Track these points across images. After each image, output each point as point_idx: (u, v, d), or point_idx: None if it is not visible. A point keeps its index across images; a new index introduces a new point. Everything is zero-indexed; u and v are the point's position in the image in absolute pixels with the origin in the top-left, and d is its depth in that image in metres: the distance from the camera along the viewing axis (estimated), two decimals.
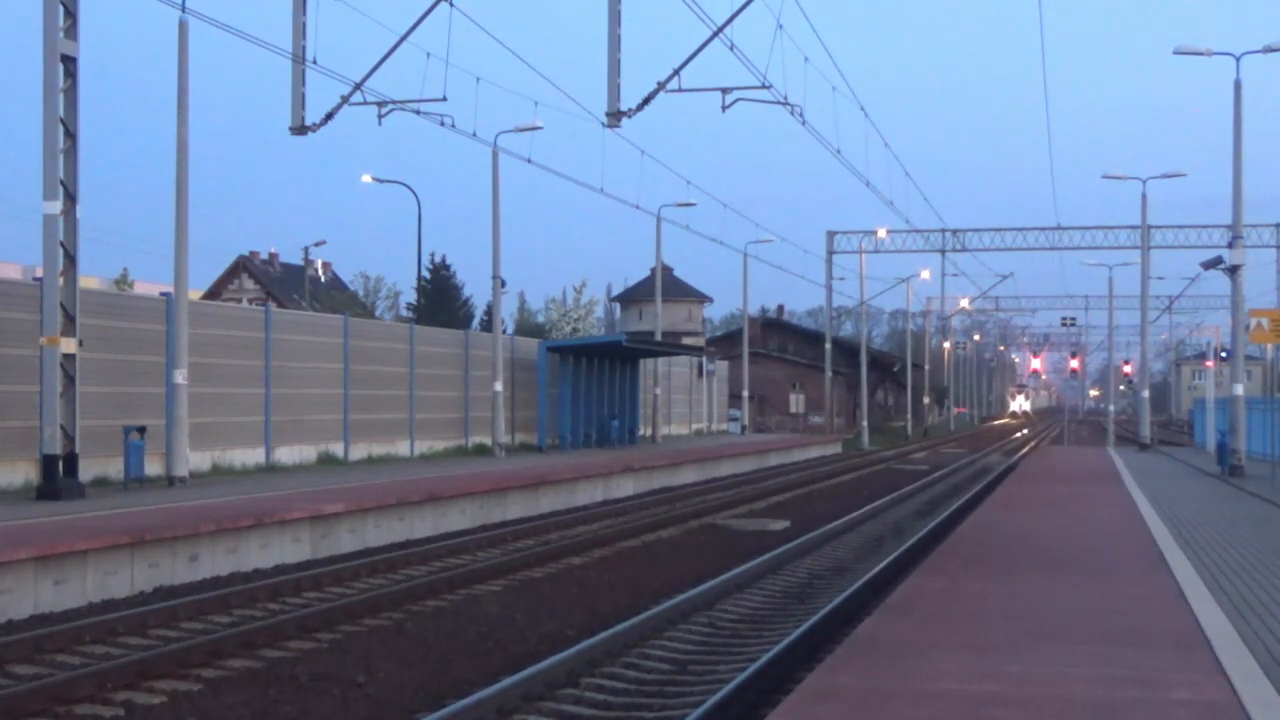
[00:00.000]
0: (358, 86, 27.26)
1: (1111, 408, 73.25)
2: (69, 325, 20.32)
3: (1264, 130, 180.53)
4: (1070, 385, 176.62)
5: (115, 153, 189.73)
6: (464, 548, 19.85)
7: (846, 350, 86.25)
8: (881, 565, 17.38)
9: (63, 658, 11.74)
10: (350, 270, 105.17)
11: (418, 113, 28.49)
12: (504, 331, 40.95)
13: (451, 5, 26.33)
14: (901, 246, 70.96)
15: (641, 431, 49.67)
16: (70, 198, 20.25)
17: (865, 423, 68.71)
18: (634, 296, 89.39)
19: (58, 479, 19.85)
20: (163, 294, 26.57)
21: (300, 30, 26.44)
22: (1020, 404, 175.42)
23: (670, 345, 53.70)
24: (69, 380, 20.36)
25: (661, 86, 25.18)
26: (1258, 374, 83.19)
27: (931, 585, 12.32)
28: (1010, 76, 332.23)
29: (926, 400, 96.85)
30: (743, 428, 65.35)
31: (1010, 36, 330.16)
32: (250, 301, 72.06)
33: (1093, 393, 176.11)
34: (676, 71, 25.24)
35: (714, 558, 19.18)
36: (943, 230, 70.01)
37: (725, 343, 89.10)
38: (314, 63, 26.24)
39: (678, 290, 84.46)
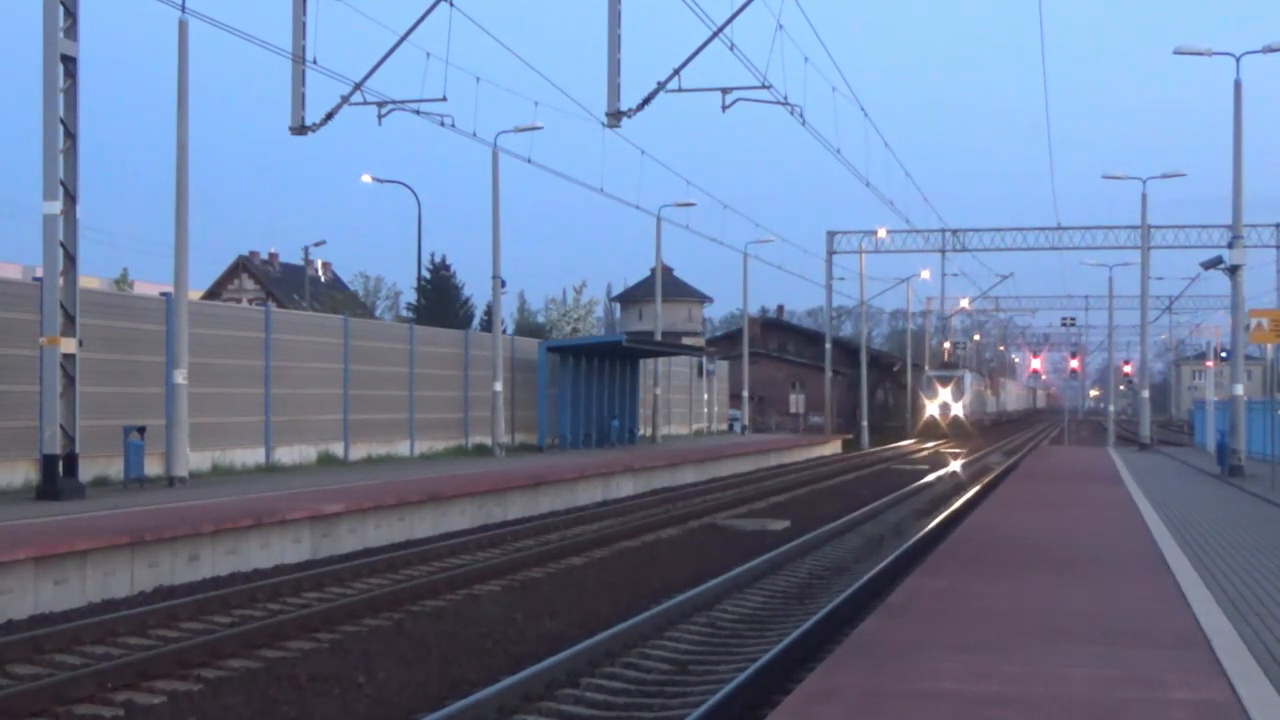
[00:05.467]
0: (358, 86, 27.28)
1: (1111, 408, 73.17)
2: (69, 325, 20.32)
3: (1264, 130, 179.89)
4: (1070, 385, 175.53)
5: (115, 153, 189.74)
6: (464, 548, 19.85)
7: (846, 350, 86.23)
8: (881, 565, 17.38)
9: (63, 658, 11.74)
10: (350, 270, 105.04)
11: (418, 113, 28.54)
12: (504, 331, 40.96)
13: (451, 5, 26.36)
14: (901, 246, 71.04)
15: (641, 431, 49.67)
16: (70, 198, 20.25)
17: (865, 423, 68.68)
18: (634, 296, 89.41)
19: (58, 479, 19.85)
20: (163, 294, 26.57)
21: (300, 30, 26.45)
22: (944, 406, 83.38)
23: (670, 345, 53.69)
24: (69, 380, 20.35)
25: (661, 86, 25.19)
26: (1258, 374, 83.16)
27: (931, 585, 12.32)
28: (1010, 76, 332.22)
29: None
30: (743, 428, 65.35)
31: (1010, 36, 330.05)
32: (250, 301, 72.06)
33: (1093, 393, 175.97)
34: (676, 71, 25.24)
35: (714, 558, 19.18)
36: (943, 230, 70.03)
37: (725, 343, 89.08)
38: (314, 63, 26.26)
39: (677, 290, 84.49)
